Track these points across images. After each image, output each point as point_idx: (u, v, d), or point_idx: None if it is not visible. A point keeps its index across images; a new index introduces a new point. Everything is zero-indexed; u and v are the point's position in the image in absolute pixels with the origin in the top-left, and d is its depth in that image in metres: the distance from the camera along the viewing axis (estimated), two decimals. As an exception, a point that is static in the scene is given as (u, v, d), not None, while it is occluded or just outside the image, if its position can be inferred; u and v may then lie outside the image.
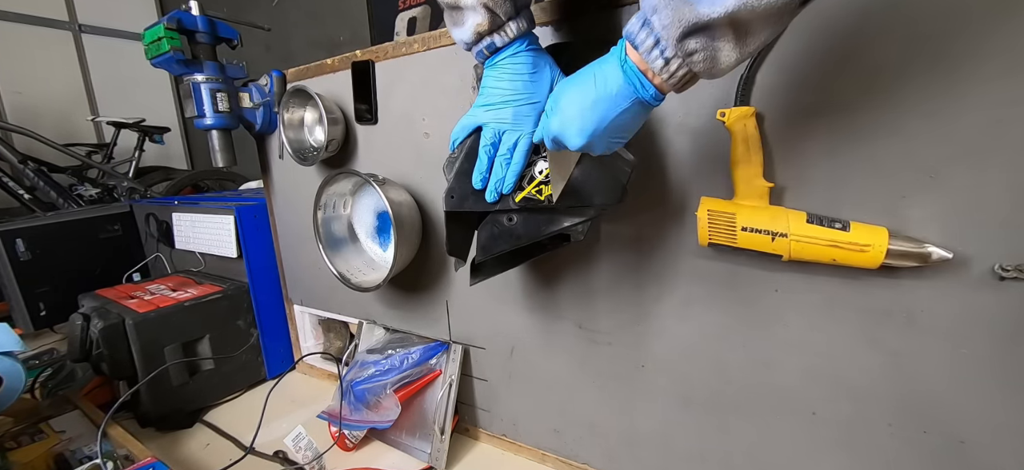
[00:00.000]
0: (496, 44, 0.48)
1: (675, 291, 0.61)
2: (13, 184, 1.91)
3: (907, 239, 0.46)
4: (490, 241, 0.55)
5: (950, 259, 0.45)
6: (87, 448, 0.83)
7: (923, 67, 0.44)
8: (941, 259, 0.45)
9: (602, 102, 0.41)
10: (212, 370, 1.02)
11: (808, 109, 0.49)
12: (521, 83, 0.50)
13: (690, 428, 0.65)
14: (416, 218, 0.78)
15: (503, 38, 0.48)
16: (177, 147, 2.97)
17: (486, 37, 0.48)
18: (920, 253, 0.45)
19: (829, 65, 0.47)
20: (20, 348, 0.91)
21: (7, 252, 1.20)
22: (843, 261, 0.47)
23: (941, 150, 0.44)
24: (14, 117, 2.28)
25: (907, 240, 0.46)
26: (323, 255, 0.85)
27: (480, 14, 0.46)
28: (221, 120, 0.87)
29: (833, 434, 0.55)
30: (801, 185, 0.51)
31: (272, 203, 1.08)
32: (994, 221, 0.44)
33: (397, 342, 0.90)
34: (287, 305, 1.14)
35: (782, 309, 0.55)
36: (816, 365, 0.55)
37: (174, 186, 2.23)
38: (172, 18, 0.81)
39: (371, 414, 0.84)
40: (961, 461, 0.49)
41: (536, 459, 0.81)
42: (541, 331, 0.74)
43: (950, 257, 0.44)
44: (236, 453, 0.85)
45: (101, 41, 2.64)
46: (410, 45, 0.75)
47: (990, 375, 0.46)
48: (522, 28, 0.48)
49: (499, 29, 0.48)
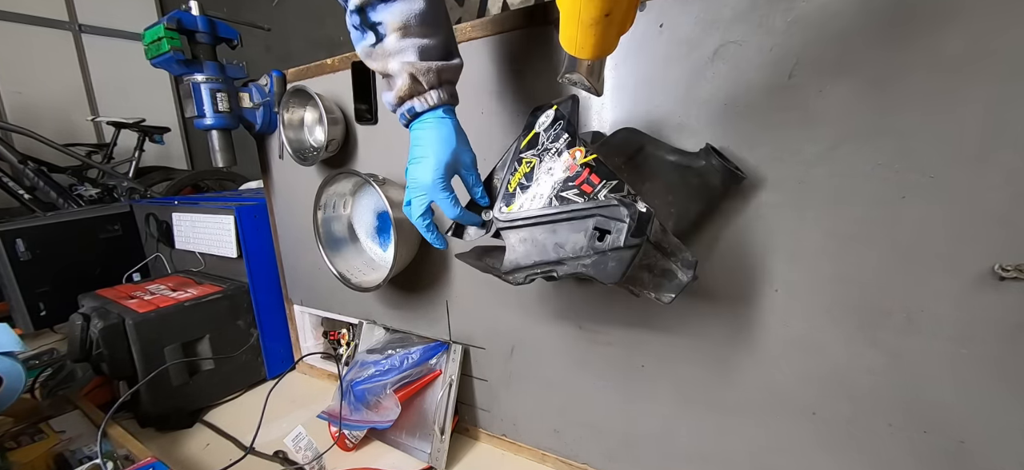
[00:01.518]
0: (416, 109, 0.53)
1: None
2: (13, 184, 1.91)
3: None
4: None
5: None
6: (87, 448, 0.83)
7: (923, 68, 0.44)
8: None
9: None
10: (212, 370, 1.02)
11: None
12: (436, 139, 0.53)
13: (690, 428, 0.65)
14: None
15: (424, 105, 0.52)
16: (177, 147, 2.97)
17: (406, 102, 0.53)
18: None
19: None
20: (20, 348, 0.91)
21: (7, 252, 1.20)
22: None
23: (941, 150, 0.44)
24: (14, 117, 2.28)
25: None
26: (323, 255, 0.85)
27: (403, 81, 0.51)
28: (221, 120, 0.87)
29: (833, 434, 0.55)
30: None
31: (272, 203, 1.08)
32: (994, 221, 0.44)
33: (397, 342, 0.89)
34: (287, 305, 1.14)
35: (782, 309, 0.55)
36: (816, 365, 0.55)
37: (174, 186, 2.23)
38: (172, 18, 0.81)
39: (371, 414, 0.84)
40: (961, 461, 0.49)
41: (536, 459, 0.81)
42: (541, 331, 0.74)
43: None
44: (236, 453, 0.85)
45: (101, 41, 2.63)
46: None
47: (990, 375, 0.46)
48: (444, 99, 0.53)
49: (418, 96, 0.52)
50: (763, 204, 0.54)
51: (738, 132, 0.53)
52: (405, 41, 0.50)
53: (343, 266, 0.86)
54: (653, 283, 0.47)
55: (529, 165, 0.51)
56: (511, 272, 0.50)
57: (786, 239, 0.53)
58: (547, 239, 0.48)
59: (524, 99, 0.67)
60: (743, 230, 0.55)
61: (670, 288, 0.46)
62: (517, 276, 0.49)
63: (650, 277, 0.47)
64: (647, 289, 0.47)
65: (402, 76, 0.51)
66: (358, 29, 0.51)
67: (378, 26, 0.50)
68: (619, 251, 0.43)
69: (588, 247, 0.45)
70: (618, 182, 0.44)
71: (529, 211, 0.49)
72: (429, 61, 0.51)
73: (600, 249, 0.44)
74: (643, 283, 0.47)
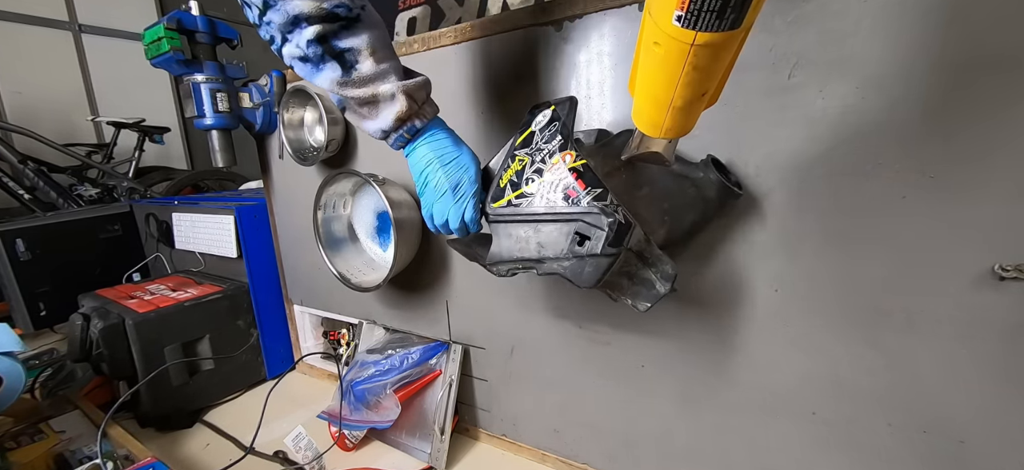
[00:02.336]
0: (417, 126, 0.53)
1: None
2: (13, 184, 1.91)
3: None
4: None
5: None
6: (87, 448, 0.83)
7: (923, 68, 0.44)
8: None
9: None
10: (212, 370, 1.02)
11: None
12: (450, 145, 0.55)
13: (690, 428, 0.65)
14: (416, 218, 0.78)
15: (422, 121, 0.53)
16: (177, 147, 2.97)
17: (408, 122, 0.52)
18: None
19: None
20: (20, 348, 0.91)
21: (7, 252, 1.21)
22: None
23: (941, 150, 0.44)
24: (14, 117, 2.28)
25: None
26: (323, 255, 0.85)
27: (401, 102, 0.50)
28: (221, 120, 0.87)
29: (833, 434, 0.55)
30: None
31: (272, 203, 1.08)
32: (994, 221, 0.44)
33: (397, 342, 0.90)
34: (287, 305, 1.14)
35: (782, 308, 0.55)
36: (816, 365, 0.55)
37: (174, 186, 2.23)
38: (172, 18, 0.81)
39: (371, 414, 0.84)
40: (961, 461, 0.49)
41: (536, 459, 0.81)
42: (541, 331, 0.74)
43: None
44: (236, 453, 0.85)
45: (101, 41, 2.63)
46: (410, 45, 0.75)
47: (990, 375, 0.46)
48: (435, 110, 0.55)
49: (417, 114, 0.52)
50: (764, 204, 0.54)
51: (738, 132, 0.53)
52: (382, 65, 0.49)
53: (343, 266, 0.86)
54: (631, 290, 0.47)
55: (521, 163, 0.51)
56: (495, 264, 0.51)
57: (786, 239, 0.53)
58: (530, 237, 0.48)
59: (523, 100, 0.67)
60: (743, 230, 0.55)
61: (647, 297, 0.46)
62: (500, 268, 0.51)
63: (629, 284, 0.47)
64: (624, 295, 0.48)
65: (400, 98, 0.50)
66: (315, 62, 0.48)
67: (346, 53, 0.48)
68: (596, 257, 0.44)
69: (568, 250, 0.45)
70: (602, 190, 0.44)
71: (516, 208, 0.50)
72: (408, 79, 0.52)
73: (578, 254, 0.45)
74: (621, 289, 0.48)
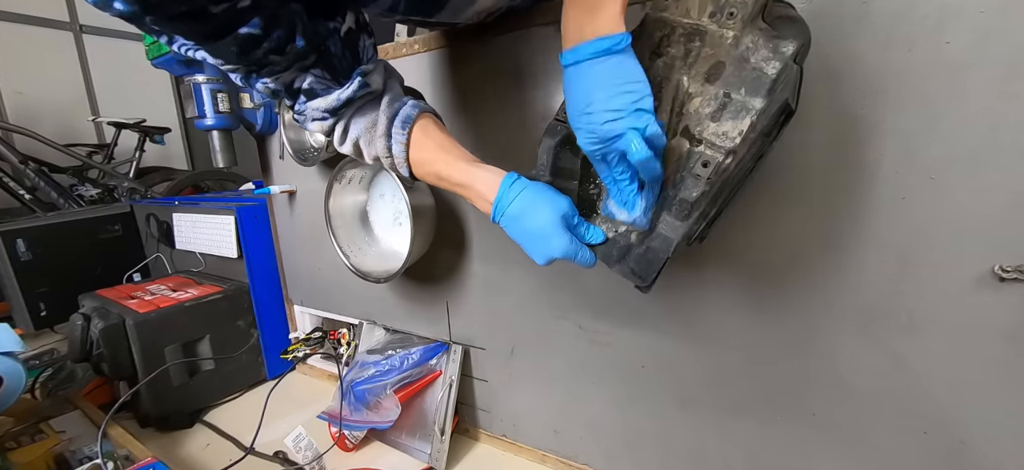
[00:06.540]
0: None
1: (674, 291, 0.61)
2: (14, 184, 1.91)
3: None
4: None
5: None
6: (87, 448, 0.83)
7: (923, 68, 0.44)
8: None
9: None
10: (212, 370, 1.02)
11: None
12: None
13: (690, 428, 0.65)
14: (432, 207, 0.78)
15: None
16: (177, 147, 2.97)
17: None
18: None
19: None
20: (20, 348, 0.91)
21: (7, 252, 1.21)
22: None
23: (941, 151, 0.44)
24: (15, 117, 2.28)
25: None
26: (336, 246, 0.84)
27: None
28: (222, 120, 0.88)
29: (833, 434, 0.55)
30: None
31: (272, 203, 1.08)
32: (994, 221, 0.44)
33: (397, 342, 0.89)
34: (287, 305, 1.14)
35: (782, 308, 0.55)
36: (816, 365, 0.55)
37: (174, 186, 2.23)
38: (173, 18, 0.81)
39: (371, 414, 0.84)
40: (961, 461, 0.49)
41: (536, 459, 0.81)
42: (541, 331, 0.74)
43: None
44: (236, 453, 0.85)
45: (102, 41, 2.64)
46: (411, 45, 0.75)
47: (990, 375, 0.46)
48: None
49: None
50: (765, 201, 0.54)
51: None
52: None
53: (357, 258, 0.85)
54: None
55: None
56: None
57: (786, 238, 0.53)
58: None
59: (524, 100, 0.67)
60: (743, 229, 0.55)
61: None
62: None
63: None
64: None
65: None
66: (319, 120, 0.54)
67: (348, 132, 0.56)
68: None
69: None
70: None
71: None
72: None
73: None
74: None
